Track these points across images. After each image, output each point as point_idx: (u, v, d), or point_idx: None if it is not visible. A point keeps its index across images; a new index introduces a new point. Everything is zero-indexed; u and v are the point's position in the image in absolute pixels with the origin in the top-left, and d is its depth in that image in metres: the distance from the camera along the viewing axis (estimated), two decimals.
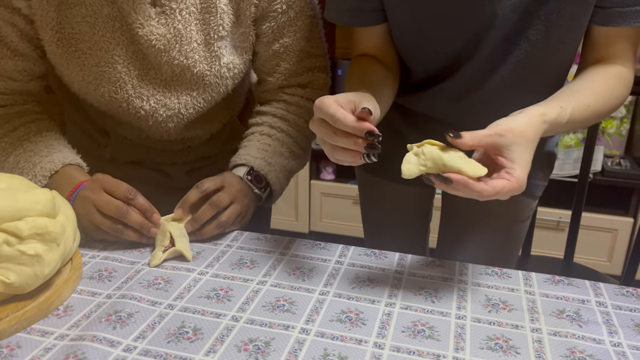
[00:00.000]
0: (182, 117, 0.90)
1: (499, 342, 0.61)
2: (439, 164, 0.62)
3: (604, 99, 0.76)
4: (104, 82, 0.85)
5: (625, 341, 0.62)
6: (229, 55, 0.88)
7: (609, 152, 2.33)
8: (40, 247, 0.63)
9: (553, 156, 1.00)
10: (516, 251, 1.06)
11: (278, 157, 0.93)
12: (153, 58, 0.84)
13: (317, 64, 0.96)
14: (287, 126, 0.95)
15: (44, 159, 0.83)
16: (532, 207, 1.02)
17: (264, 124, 0.96)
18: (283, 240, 0.84)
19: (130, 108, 0.87)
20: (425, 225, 1.14)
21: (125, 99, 0.86)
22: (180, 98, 0.88)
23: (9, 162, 0.85)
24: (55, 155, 0.84)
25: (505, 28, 0.79)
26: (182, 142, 0.99)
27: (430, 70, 0.89)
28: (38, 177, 0.82)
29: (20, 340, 0.60)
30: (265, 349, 0.59)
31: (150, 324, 0.63)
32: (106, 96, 0.86)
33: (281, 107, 0.97)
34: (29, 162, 0.83)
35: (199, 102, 0.90)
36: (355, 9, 0.84)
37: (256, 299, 0.68)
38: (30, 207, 0.63)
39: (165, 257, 0.76)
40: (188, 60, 0.85)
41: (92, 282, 0.71)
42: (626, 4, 0.73)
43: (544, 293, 0.71)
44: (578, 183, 1.37)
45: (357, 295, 0.69)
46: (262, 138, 0.94)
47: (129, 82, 0.85)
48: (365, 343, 0.60)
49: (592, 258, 2.28)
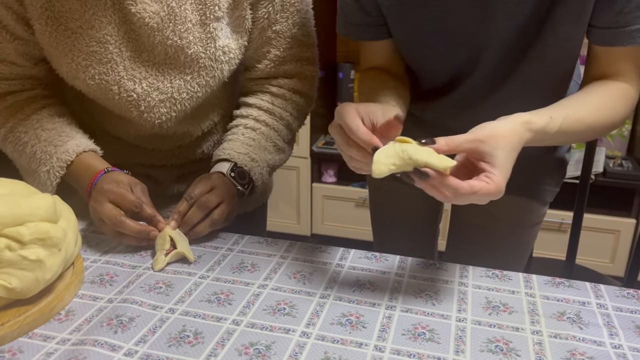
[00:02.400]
0: (175, 102, 0.87)
1: (500, 345, 0.61)
2: (406, 160, 0.61)
3: (599, 113, 0.75)
4: (94, 63, 0.82)
5: (626, 343, 0.62)
6: (225, 39, 0.86)
7: (611, 153, 2.33)
8: (42, 252, 0.64)
9: (564, 162, 0.99)
10: (525, 255, 1.05)
11: (262, 152, 0.92)
12: (146, 38, 0.82)
13: (307, 55, 0.96)
14: (272, 120, 0.94)
15: (58, 149, 0.83)
16: (541, 212, 1.01)
17: (249, 117, 0.94)
18: (284, 243, 0.84)
19: (122, 91, 0.84)
20: (434, 228, 1.14)
21: (117, 81, 0.83)
22: (173, 82, 0.86)
23: (25, 153, 0.84)
24: (69, 144, 0.84)
25: (502, 47, 0.79)
26: (173, 139, 0.96)
27: (434, 83, 0.90)
28: (56, 168, 0.82)
29: (22, 345, 0.60)
30: (266, 352, 0.59)
31: (151, 328, 0.63)
32: (96, 78, 0.83)
33: (267, 100, 0.95)
34: (45, 154, 0.83)
35: (192, 87, 0.87)
36: (362, 23, 0.85)
37: (257, 303, 0.68)
38: (31, 213, 0.64)
39: (168, 260, 0.77)
40: (182, 41, 0.83)
41: (93, 286, 0.72)
42: (619, 25, 0.72)
43: (545, 295, 0.71)
44: (580, 184, 1.37)
45: (358, 299, 0.69)
46: (246, 132, 0.93)
47: (120, 63, 0.83)
48: (365, 346, 0.60)
49: (594, 259, 2.28)
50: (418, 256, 0.81)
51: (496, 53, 0.80)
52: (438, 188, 0.62)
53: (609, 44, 0.75)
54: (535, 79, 0.83)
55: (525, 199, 0.97)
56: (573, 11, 0.73)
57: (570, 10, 0.73)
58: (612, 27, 0.73)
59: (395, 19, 0.82)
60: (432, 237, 1.15)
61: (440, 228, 1.17)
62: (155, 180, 1.00)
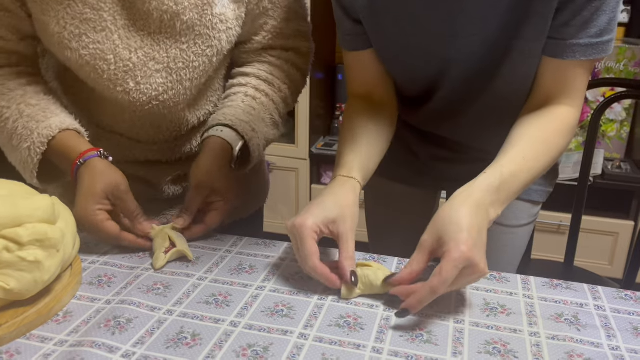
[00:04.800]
0: (171, 72, 0.85)
1: (498, 347, 0.61)
2: (368, 285, 0.69)
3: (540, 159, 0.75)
4: (88, 31, 0.80)
5: (624, 345, 0.62)
6: (222, 7, 0.85)
7: (610, 155, 2.33)
8: (40, 254, 0.64)
9: (555, 164, 1.00)
10: (518, 256, 1.05)
11: (261, 124, 0.90)
12: (141, 4, 0.80)
13: (303, 29, 0.95)
14: (271, 91, 0.93)
15: (40, 124, 0.80)
16: (532, 212, 1.01)
17: (248, 85, 0.92)
18: (282, 245, 0.84)
19: (118, 61, 0.82)
20: None
21: (112, 50, 0.81)
22: (169, 51, 0.84)
23: (7, 129, 0.81)
24: (52, 120, 0.81)
25: (470, 63, 0.80)
26: (169, 128, 0.93)
27: (410, 93, 0.92)
28: (36, 144, 0.79)
29: (20, 346, 0.60)
30: (264, 354, 0.59)
31: (149, 329, 0.63)
32: (90, 47, 0.80)
33: (265, 70, 0.94)
34: (26, 129, 0.80)
35: (188, 56, 0.85)
36: (352, 33, 0.85)
37: (255, 304, 0.68)
38: (30, 214, 0.64)
39: (168, 258, 0.77)
40: (178, 7, 0.81)
41: (91, 287, 0.72)
42: (562, 37, 0.73)
43: (543, 297, 0.71)
44: (578, 186, 1.37)
45: (356, 300, 0.70)
46: (246, 100, 0.90)
47: (115, 32, 0.81)
48: (363, 348, 0.60)
49: (593, 261, 2.28)
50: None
51: (464, 68, 0.81)
52: (428, 295, 0.63)
53: (553, 54, 0.75)
54: (508, 95, 0.84)
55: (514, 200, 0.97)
56: (539, 29, 0.73)
57: (536, 28, 0.73)
58: (557, 37, 0.73)
59: (371, 30, 0.83)
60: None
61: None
62: (149, 182, 0.97)
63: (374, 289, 0.69)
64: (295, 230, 0.71)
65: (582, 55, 0.73)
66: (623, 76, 2.22)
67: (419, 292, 0.63)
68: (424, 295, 0.63)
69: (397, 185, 1.09)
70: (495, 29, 0.75)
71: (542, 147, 0.75)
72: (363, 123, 0.86)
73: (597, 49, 0.72)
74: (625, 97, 1.31)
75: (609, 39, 0.72)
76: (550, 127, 0.77)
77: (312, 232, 0.70)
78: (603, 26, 0.71)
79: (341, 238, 0.72)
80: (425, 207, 1.12)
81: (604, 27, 0.71)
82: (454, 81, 0.84)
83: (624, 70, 2.22)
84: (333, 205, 0.73)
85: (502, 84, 0.82)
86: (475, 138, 0.96)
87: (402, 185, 1.09)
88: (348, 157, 0.81)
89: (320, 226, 0.71)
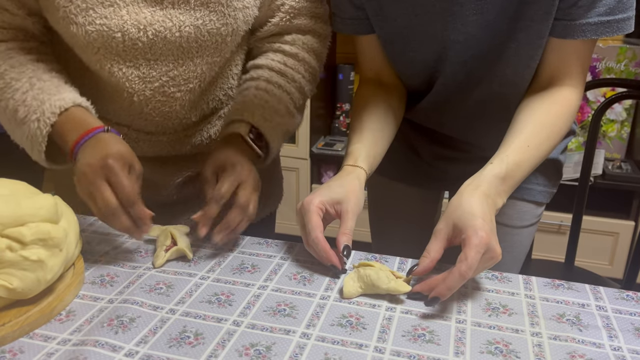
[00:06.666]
0: (183, 50, 0.82)
1: (499, 347, 0.61)
2: (369, 284, 0.70)
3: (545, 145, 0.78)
4: (95, 5, 0.76)
5: (626, 345, 0.62)
6: None
7: (610, 155, 2.33)
8: (43, 253, 0.64)
9: (558, 163, 0.99)
10: (522, 257, 1.05)
11: (276, 115, 0.87)
12: None
13: (320, 11, 0.93)
14: (285, 82, 0.90)
15: (52, 97, 0.76)
16: (536, 213, 1.01)
17: (260, 79, 0.90)
18: (284, 245, 0.84)
19: (127, 40, 0.78)
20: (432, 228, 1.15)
21: (120, 26, 0.77)
22: (182, 29, 0.80)
23: (14, 99, 0.77)
24: (65, 94, 0.77)
25: (471, 44, 0.80)
26: (178, 116, 0.90)
27: (412, 83, 0.92)
28: (46, 114, 0.75)
29: (23, 345, 0.60)
30: (267, 353, 0.59)
31: (152, 328, 0.63)
32: (97, 22, 0.76)
33: (278, 60, 0.91)
34: (37, 100, 0.76)
35: (202, 34, 0.82)
36: (354, 17, 0.86)
37: (257, 304, 0.68)
38: (33, 213, 0.64)
39: (168, 256, 0.77)
40: None
41: (94, 287, 0.72)
42: (572, 17, 0.73)
43: (544, 297, 0.71)
44: (579, 186, 1.37)
45: (358, 300, 0.70)
46: (258, 93, 0.88)
47: (124, 7, 0.77)
48: (365, 347, 0.61)
49: (593, 261, 2.28)
50: (416, 257, 0.81)
51: (464, 50, 0.81)
52: (451, 285, 0.65)
53: (561, 35, 0.75)
54: (512, 79, 0.84)
55: (518, 201, 0.97)
56: (543, 9, 0.74)
57: (540, 8, 0.74)
58: (566, 19, 0.74)
59: (373, 15, 0.84)
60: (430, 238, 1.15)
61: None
62: (157, 184, 0.95)
63: (375, 288, 0.70)
64: (302, 208, 0.75)
65: (593, 34, 0.74)
66: (624, 76, 2.22)
67: (448, 279, 0.64)
68: (453, 282, 0.64)
69: (400, 184, 1.09)
70: (496, 8, 0.75)
71: (546, 132, 0.77)
72: (370, 108, 0.88)
73: (609, 27, 0.73)
74: (625, 97, 1.31)
75: (622, 17, 0.72)
76: (553, 110, 0.78)
77: (317, 209, 0.75)
78: (612, 4, 0.71)
79: (342, 216, 0.76)
80: (428, 207, 1.12)
81: (613, 4, 0.72)
82: (454, 65, 0.84)
83: (624, 70, 2.23)
84: (339, 189, 0.77)
85: (505, 68, 0.82)
86: (476, 134, 0.96)
87: (404, 185, 1.09)
88: (354, 146, 0.84)
89: (326, 205, 0.76)
